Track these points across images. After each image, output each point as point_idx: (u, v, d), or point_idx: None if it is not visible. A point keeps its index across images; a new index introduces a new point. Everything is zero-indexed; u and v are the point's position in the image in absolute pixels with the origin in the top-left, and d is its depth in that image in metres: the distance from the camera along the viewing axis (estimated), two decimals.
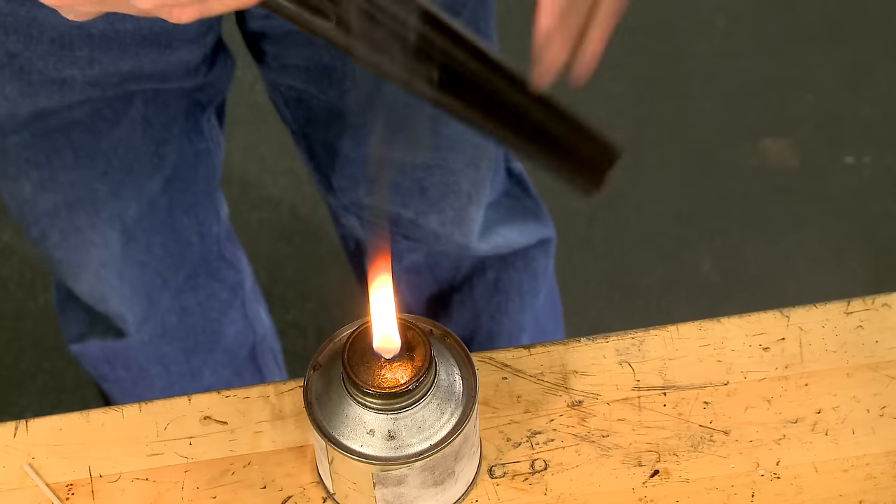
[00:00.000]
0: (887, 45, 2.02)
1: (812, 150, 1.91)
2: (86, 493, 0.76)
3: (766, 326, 0.81)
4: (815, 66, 1.99)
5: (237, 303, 1.27)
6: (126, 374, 1.30)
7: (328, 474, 0.73)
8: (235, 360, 1.33)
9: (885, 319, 0.81)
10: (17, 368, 1.76)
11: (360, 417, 0.68)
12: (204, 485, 0.76)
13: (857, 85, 1.98)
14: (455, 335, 0.73)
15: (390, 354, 0.68)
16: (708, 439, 0.77)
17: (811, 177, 1.89)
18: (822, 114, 1.95)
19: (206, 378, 1.31)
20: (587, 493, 0.75)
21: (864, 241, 1.82)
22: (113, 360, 1.29)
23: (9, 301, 1.81)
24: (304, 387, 0.70)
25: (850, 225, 1.84)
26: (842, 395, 0.78)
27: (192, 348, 1.28)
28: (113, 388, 1.33)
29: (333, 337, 0.72)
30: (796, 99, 1.96)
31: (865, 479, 0.75)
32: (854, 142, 1.91)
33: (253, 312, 1.32)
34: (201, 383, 1.31)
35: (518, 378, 0.79)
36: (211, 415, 0.78)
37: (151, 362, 1.28)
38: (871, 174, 1.89)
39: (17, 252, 1.85)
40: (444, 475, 0.71)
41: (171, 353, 1.27)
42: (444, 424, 0.69)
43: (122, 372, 1.30)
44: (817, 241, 1.82)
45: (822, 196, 1.87)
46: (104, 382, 1.33)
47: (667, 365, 0.80)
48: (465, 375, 0.71)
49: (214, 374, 1.31)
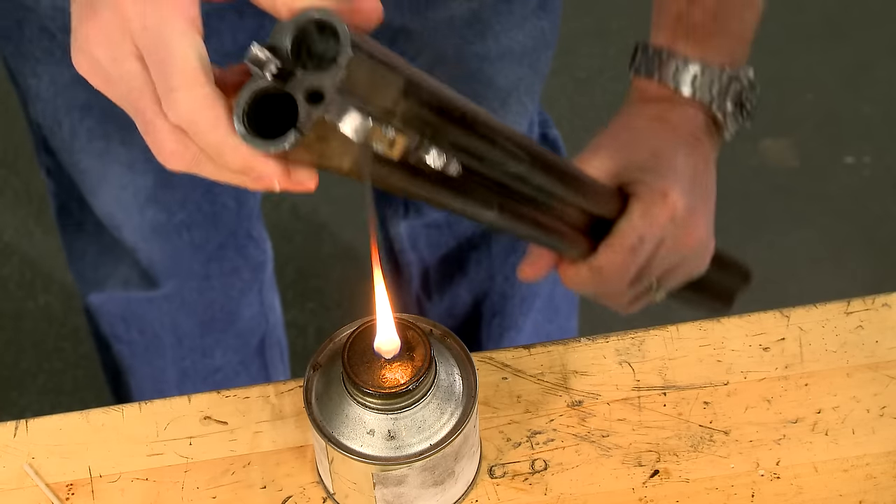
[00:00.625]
0: (887, 44, 2.02)
1: (812, 150, 1.91)
2: (86, 493, 0.76)
3: (766, 326, 0.81)
4: (815, 65, 1.99)
5: (256, 286, 1.28)
6: (140, 337, 1.29)
7: (328, 474, 0.73)
8: (246, 346, 1.33)
9: (885, 319, 0.81)
10: (17, 368, 1.76)
11: (360, 417, 0.68)
12: (204, 485, 0.76)
13: (857, 84, 1.98)
14: (455, 335, 0.73)
15: (390, 354, 0.68)
16: (708, 439, 0.77)
17: (811, 177, 1.89)
18: (822, 114, 1.95)
19: (217, 359, 1.30)
20: (587, 493, 0.75)
21: (864, 241, 1.82)
22: (129, 320, 1.28)
23: (9, 301, 1.81)
24: (304, 387, 0.70)
25: (850, 225, 1.84)
26: (842, 395, 0.78)
27: (208, 324, 1.27)
28: (124, 350, 1.32)
29: (333, 337, 0.72)
30: (796, 99, 1.96)
31: (865, 479, 0.75)
32: (854, 142, 1.91)
33: (269, 300, 1.33)
34: (212, 363, 1.30)
35: (518, 378, 0.79)
36: (211, 415, 0.78)
37: (166, 330, 1.27)
38: (871, 174, 1.89)
39: (17, 252, 1.85)
40: (444, 475, 0.71)
41: (187, 326, 1.27)
42: (444, 424, 0.69)
43: (136, 334, 1.29)
44: (817, 241, 1.83)
45: (822, 196, 1.87)
46: (117, 343, 1.32)
47: (667, 365, 0.80)
48: (464, 375, 0.71)
49: (225, 357, 1.31)
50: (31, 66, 1.06)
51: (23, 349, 1.78)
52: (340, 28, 0.55)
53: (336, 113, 0.55)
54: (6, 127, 1.99)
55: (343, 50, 0.54)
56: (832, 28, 2.03)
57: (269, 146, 0.55)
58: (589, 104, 1.94)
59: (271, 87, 0.55)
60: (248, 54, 0.55)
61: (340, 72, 0.54)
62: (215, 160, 0.57)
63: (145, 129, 0.57)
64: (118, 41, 0.56)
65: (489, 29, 1.09)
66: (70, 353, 1.77)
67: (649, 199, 0.84)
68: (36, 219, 1.88)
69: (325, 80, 0.55)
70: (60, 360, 1.77)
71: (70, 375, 1.75)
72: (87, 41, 0.57)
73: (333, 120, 0.55)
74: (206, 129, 0.55)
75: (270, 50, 0.55)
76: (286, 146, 0.55)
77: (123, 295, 1.26)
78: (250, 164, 0.56)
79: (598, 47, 2.01)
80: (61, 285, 1.80)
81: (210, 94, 0.55)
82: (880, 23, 2.05)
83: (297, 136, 0.55)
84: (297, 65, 0.56)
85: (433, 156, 0.61)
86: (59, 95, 1.07)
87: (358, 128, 0.55)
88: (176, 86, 0.55)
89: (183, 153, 0.57)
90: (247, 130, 0.56)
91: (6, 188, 1.92)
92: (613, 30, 2.03)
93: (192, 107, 0.55)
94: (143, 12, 0.55)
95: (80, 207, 1.20)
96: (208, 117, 0.55)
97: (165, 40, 0.55)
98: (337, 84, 0.55)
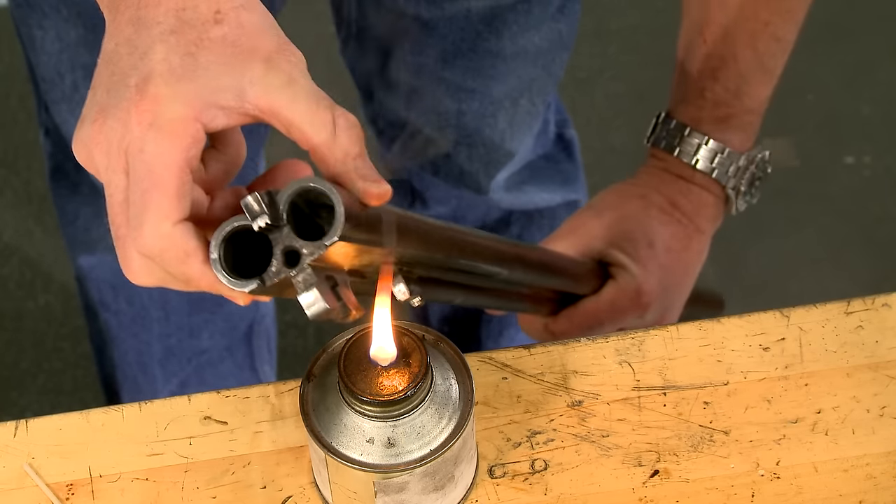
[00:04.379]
0: (888, 44, 2.02)
1: (812, 150, 1.91)
2: (86, 493, 0.76)
3: (766, 326, 0.81)
4: (815, 66, 1.99)
5: None
6: (128, 307, 1.29)
7: (327, 484, 0.73)
8: (234, 331, 1.33)
9: (885, 319, 0.81)
10: (17, 368, 1.76)
11: (358, 426, 0.68)
12: (204, 485, 0.76)
13: (857, 85, 1.98)
14: (448, 340, 0.73)
15: (386, 362, 0.68)
16: (708, 439, 0.77)
17: (811, 177, 1.89)
18: (822, 114, 1.95)
19: (204, 341, 1.30)
20: (587, 493, 0.75)
21: (864, 241, 1.82)
22: (118, 288, 1.28)
23: (9, 301, 1.81)
24: (300, 397, 0.70)
25: (850, 225, 1.84)
26: (842, 395, 0.78)
27: (198, 302, 1.27)
28: (111, 319, 1.32)
29: (327, 347, 0.72)
30: (796, 99, 1.96)
31: (865, 479, 0.75)
32: (854, 142, 1.91)
33: None
34: (198, 344, 1.30)
35: (518, 378, 0.79)
36: (211, 415, 0.78)
37: (155, 303, 1.27)
38: (871, 174, 1.89)
39: (17, 252, 1.85)
40: (444, 480, 0.71)
41: (176, 302, 1.27)
42: (442, 429, 0.69)
43: (123, 304, 1.29)
44: (817, 241, 1.83)
45: (822, 196, 1.87)
46: (104, 311, 1.32)
47: (667, 365, 0.80)
48: (460, 379, 0.71)
49: (211, 339, 1.31)
50: (37, 19, 1.06)
51: (23, 349, 1.78)
52: (338, 212, 0.56)
53: (302, 283, 0.56)
54: (6, 127, 1.99)
55: (332, 232, 0.56)
56: (832, 28, 2.03)
57: (232, 285, 0.57)
58: (589, 104, 1.94)
59: (255, 230, 0.57)
60: (244, 200, 0.56)
61: (321, 250, 0.56)
62: (185, 284, 0.60)
63: (117, 242, 0.59)
64: (115, 153, 0.57)
65: (506, 27, 1.09)
66: (70, 353, 1.77)
67: (623, 292, 0.88)
68: (36, 219, 1.88)
69: (305, 248, 0.56)
70: (60, 360, 1.77)
71: (70, 375, 1.75)
72: (89, 140, 0.58)
73: (297, 288, 0.57)
74: (175, 262, 0.57)
75: (268, 196, 0.56)
76: (247, 290, 0.57)
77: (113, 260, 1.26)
78: (216, 289, 0.59)
79: (598, 47, 2.01)
80: (61, 285, 1.80)
81: (178, 232, 0.57)
82: (881, 23, 2.05)
83: (259, 285, 0.57)
84: (287, 215, 0.57)
85: (399, 291, 0.64)
86: (64, 52, 1.07)
87: (312, 306, 0.57)
88: (146, 220, 0.57)
89: (148, 275, 0.59)
90: (220, 259, 0.57)
91: (6, 188, 1.92)
92: (613, 30, 2.03)
93: (159, 243, 0.57)
94: (144, 137, 0.56)
95: (76, 169, 1.20)
96: (177, 253, 0.57)
97: (153, 170, 0.56)
98: (315, 258, 0.56)
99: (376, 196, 0.59)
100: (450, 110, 1.16)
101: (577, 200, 1.36)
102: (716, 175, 0.92)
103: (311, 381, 0.71)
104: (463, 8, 1.07)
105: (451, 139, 1.19)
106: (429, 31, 1.10)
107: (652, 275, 0.90)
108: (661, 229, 0.91)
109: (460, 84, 1.14)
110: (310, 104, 0.57)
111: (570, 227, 0.94)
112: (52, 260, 1.83)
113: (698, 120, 0.92)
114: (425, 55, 1.13)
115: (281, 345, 1.73)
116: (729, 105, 0.91)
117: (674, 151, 0.92)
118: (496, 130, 1.18)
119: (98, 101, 0.58)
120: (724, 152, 0.91)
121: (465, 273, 0.72)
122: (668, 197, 0.92)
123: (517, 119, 1.19)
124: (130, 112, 0.56)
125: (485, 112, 1.16)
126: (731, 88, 0.90)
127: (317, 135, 0.57)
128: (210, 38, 0.57)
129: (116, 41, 0.59)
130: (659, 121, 0.94)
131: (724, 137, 0.91)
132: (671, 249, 0.91)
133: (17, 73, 2.00)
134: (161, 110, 0.56)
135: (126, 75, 0.57)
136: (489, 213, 1.30)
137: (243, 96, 0.57)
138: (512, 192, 1.27)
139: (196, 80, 0.56)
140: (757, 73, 0.90)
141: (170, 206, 0.56)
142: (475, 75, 1.13)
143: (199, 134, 0.57)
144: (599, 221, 0.92)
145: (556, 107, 1.31)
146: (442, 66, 1.13)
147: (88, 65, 1.07)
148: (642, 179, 0.94)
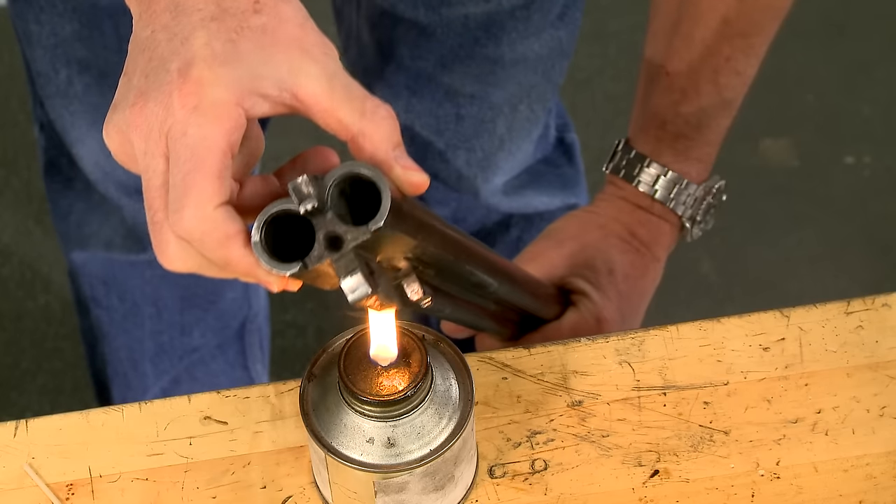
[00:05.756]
0: (887, 44, 2.02)
1: (812, 150, 1.91)
2: (86, 493, 0.76)
3: (766, 326, 0.81)
4: (815, 65, 1.99)
5: None
6: (119, 304, 1.29)
7: (327, 485, 0.73)
8: (226, 329, 1.33)
9: (885, 319, 0.81)
10: (17, 368, 1.76)
11: (358, 426, 0.68)
12: (204, 485, 0.76)
13: (857, 84, 1.98)
14: (447, 339, 0.73)
15: (387, 362, 0.68)
16: (708, 439, 0.77)
17: (811, 177, 1.89)
18: (822, 114, 1.95)
19: (195, 339, 1.30)
20: (587, 493, 0.75)
21: (864, 241, 1.82)
22: (110, 283, 1.28)
23: (9, 301, 1.81)
24: (300, 397, 0.70)
25: (850, 225, 1.84)
26: (842, 395, 0.78)
27: (190, 299, 1.27)
28: (103, 315, 1.31)
29: (327, 347, 0.72)
30: (796, 99, 1.96)
31: (865, 479, 0.75)
32: (854, 142, 1.92)
33: (254, 285, 1.32)
34: (189, 342, 1.30)
35: (518, 378, 0.79)
36: (211, 415, 0.78)
37: (147, 300, 1.27)
38: (871, 174, 1.89)
39: (17, 252, 1.85)
40: (444, 480, 0.71)
41: (168, 299, 1.26)
42: (442, 429, 0.69)
43: (115, 300, 1.29)
44: (817, 241, 1.83)
45: (822, 196, 1.87)
46: (96, 307, 1.31)
47: (667, 365, 0.80)
48: (460, 379, 0.71)
49: (203, 337, 1.30)
50: (33, 13, 1.06)
51: (23, 349, 1.78)
52: (384, 197, 0.56)
53: (343, 268, 0.56)
54: (6, 127, 1.99)
55: (378, 218, 0.56)
56: (832, 28, 2.03)
57: (273, 267, 0.57)
58: (589, 104, 1.94)
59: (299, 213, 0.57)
60: (293, 182, 0.56)
61: (365, 236, 0.56)
62: (221, 270, 0.59)
63: (152, 227, 0.58)
64: (156, 137, 0.57)
65: (504, 34, 1.10)
66: (70, 353, 1.77)
67: (584, 318, 0.90)
68: (36, 219, 1.88)
69: (348, 234, 0.56)
70: (60, 360, 1.77)
71: (70, 375, 1.75)
72: (127, 125, 0.57)
73: (339, 273, 0.56)
74: (215, 245, 0.57)
75: (314, 180, 0.56)
76: (287, 273, 0.57)
77: (106, 256, 1.25)
78: (254, 274, 0.58)
79: (598, 47, 2.01)
80: (61, 285, 1.80)
81: (220, 215, 0.56)
82: (880, 23, 2.05)
83: (301, 269, 0.56)
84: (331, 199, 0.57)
85: (412, 290, 0.64)
86: (59, 46, 1.07)
87: (356, 290, 0.56)
88: (188, 203, 0.56)
89: (184, 260, 0.58)
90: (261, 241, 0.57)
91: (6, 188, 1.92)
92: (612, 31, 2.03)
93: (201, 225, 0.56)
94: (188, 121, 0.56)
95: (69, 164, 1.20)
96: (218, 235, 0.56)
97: (197, 153, 0.56)
98: (358, 243, 0.56)
99: (417, 184, 0.58)
100: (448, 115, 1.16)
101: (578, 204, 1.36)
102: (673, 206, 0.93)
103: (311, 381, 0.71)
104: (460, 14, 1.07)
105: (450, 143, 1.19)
106: (427, 37, 1.10)
107: (611, 301, 0.91)
108: (621, 258, 0.92)
109: (459, 89, 1.14)
110: (348, 93, 0.57)
111: (531, 254, 0.95)
112: (52, 260, 1.83)
113: (658, 151, 0.93)
114: (424, 60, 1.13)
115: (281, 344, 1.73)
116: (689, 138, 0.92)
117: (633, 181, 0.93)
118: (495, 136, 1.19)
119: (136, 85, 0.58)
120: (682, 183, 0.93)
121: (460, 282, 0.72)
122: (626, 226, 0.93)
123: (516, 125, 1.19)
124: (173, 95, 0.56)
125: (484, 117, 1.17)
126: (692, 122, 0.91)
127: (356, 123, 0.57)
128: (250, 26, 0.57)
129: (153, 28, 0.58)
130: (618, 148, 0.95)
131: (683, 169, 0.93)
132: (629, 277, 0.92)
133: (17, 74, 2.00)
134: (205, 93, 0.55)
135: (166, 60, 0.57)
136: (489, 215, 1.30)
137: (283, 85, 0.57)
138: (511, 196, 1.28)
139: (238, 66, 0.56)
140: (718, 106, 0.91)
141: (212, 188, 0.55)
142: (474, 81, 1.13)
143: (241, 119, 0.56)
144: (560, 251, 0.93)
145: (557, 111, 1.32)
146: (441, 72, 1.13)
147: (83, 59, 1.07)
148: (601, 208, 0.95)
